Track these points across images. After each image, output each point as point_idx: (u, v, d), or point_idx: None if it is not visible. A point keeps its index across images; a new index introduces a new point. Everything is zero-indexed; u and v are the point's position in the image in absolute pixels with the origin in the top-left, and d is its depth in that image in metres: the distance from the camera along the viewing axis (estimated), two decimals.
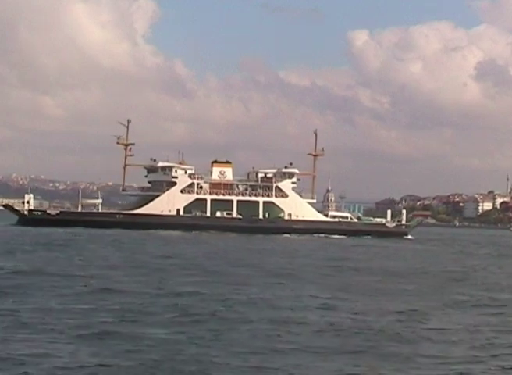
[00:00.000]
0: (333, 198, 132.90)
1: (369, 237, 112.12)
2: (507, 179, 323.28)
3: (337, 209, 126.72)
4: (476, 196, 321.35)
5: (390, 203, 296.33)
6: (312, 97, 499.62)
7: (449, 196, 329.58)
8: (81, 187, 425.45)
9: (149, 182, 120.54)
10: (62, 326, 22.34)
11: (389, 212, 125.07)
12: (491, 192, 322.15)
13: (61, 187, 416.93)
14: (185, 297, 30.49)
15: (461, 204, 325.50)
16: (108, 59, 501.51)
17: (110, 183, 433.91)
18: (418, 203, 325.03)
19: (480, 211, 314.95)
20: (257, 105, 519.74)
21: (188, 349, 19.77)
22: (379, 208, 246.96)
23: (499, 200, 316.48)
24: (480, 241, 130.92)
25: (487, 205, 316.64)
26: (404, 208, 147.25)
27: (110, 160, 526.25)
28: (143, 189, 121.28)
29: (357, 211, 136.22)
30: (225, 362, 18.40)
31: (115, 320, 23.87)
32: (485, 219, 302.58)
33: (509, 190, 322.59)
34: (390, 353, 20.42)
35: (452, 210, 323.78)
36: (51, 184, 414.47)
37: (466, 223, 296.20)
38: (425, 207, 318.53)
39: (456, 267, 56.62)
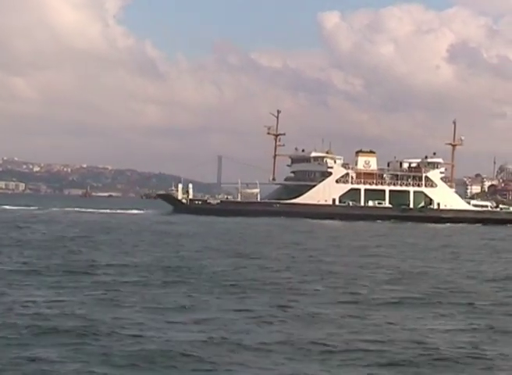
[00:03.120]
0: None
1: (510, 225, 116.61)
2: (494, 162, 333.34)
3: None
4: (465, 179, 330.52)
5: None
6: (285, 79, 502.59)
7: None
8: (55, 169, 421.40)
9: (293, 172, 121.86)
10: None
11: None
12: (478, 175, 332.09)
13: (35, 169, 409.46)
14: None
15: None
16: (81, 41, 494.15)
17: (84, 166, 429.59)
18: None
19: (469, 194, 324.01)
20: (230, 86, 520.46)
21: None
22: None
23: (487, 183, 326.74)
24: None
25: (475, 189, 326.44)
26: None
27: (84, 142, 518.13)
28: (287, 179, 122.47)
29: None
30: None
31: None
32: None
33: (495, 173, 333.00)
34: None
35: None
36: (24, 166, 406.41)
37: None
38: None
39: None
